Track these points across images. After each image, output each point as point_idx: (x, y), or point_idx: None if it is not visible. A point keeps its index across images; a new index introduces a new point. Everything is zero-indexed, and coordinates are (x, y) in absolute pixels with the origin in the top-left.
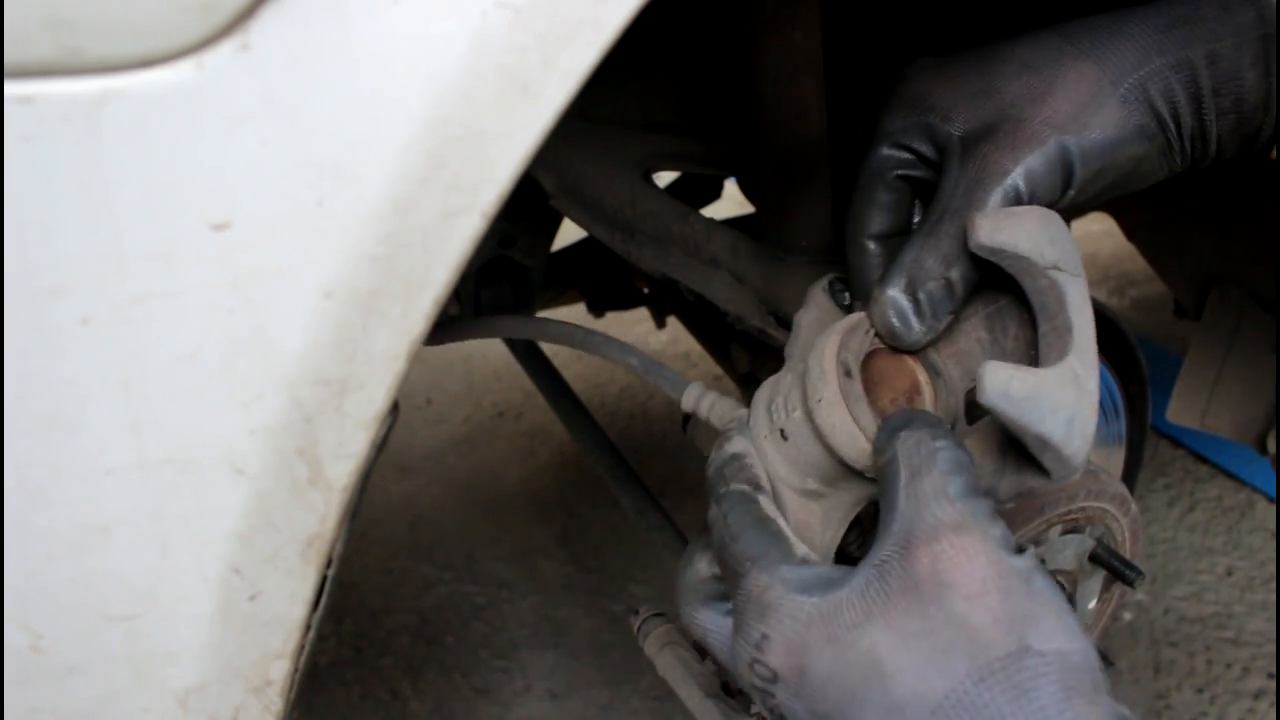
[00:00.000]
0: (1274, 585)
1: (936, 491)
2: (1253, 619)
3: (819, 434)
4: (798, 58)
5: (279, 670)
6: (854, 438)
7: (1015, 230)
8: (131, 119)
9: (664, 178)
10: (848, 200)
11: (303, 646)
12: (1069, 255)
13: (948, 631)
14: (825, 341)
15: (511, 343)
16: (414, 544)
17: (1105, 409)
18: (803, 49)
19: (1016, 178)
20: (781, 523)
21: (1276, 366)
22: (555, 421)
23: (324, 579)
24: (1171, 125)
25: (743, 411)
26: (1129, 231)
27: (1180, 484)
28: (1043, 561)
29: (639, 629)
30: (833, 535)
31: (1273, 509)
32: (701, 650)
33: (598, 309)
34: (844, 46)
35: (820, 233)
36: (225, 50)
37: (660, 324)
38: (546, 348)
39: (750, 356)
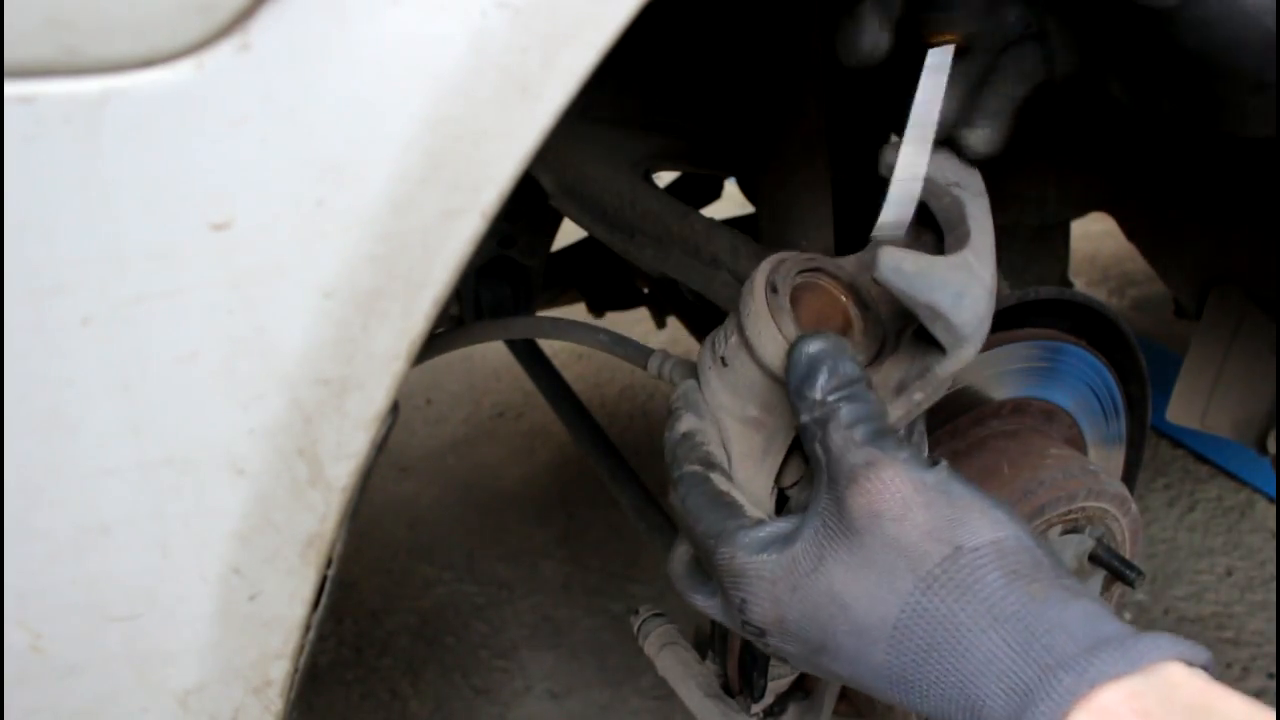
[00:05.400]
0: (1274, 585)
1: (845, 442)
2: (1253, 619)
3: (749, 349)
4: (798, 58)
5: (279, 670)
6: (779, 347)
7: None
8: (131, 119)
9: (664, 178)
10: (848, 200)
11: (303, 646)
12: (970, 179)
13: (887, 555)
14: (757, 268)
15: (511, 343)
16: (414, 544)
17: (1105, 409)
18: (803, 50)
19: None
20: (735, 493)
21: (1277, 366)
22: (555, 421)
23: (324, 579)
24: None
25: (690, 381)
26: (1129, 231)
27: (1180, 484)
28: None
29: (639, 629)
30: (773, 461)
31: (1273, 509)
32: (701, 648)
33: (598, 309)
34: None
35: (820, 233)
36: (225, 50)
37: (660, 324)
38: (547, 348)
39: None
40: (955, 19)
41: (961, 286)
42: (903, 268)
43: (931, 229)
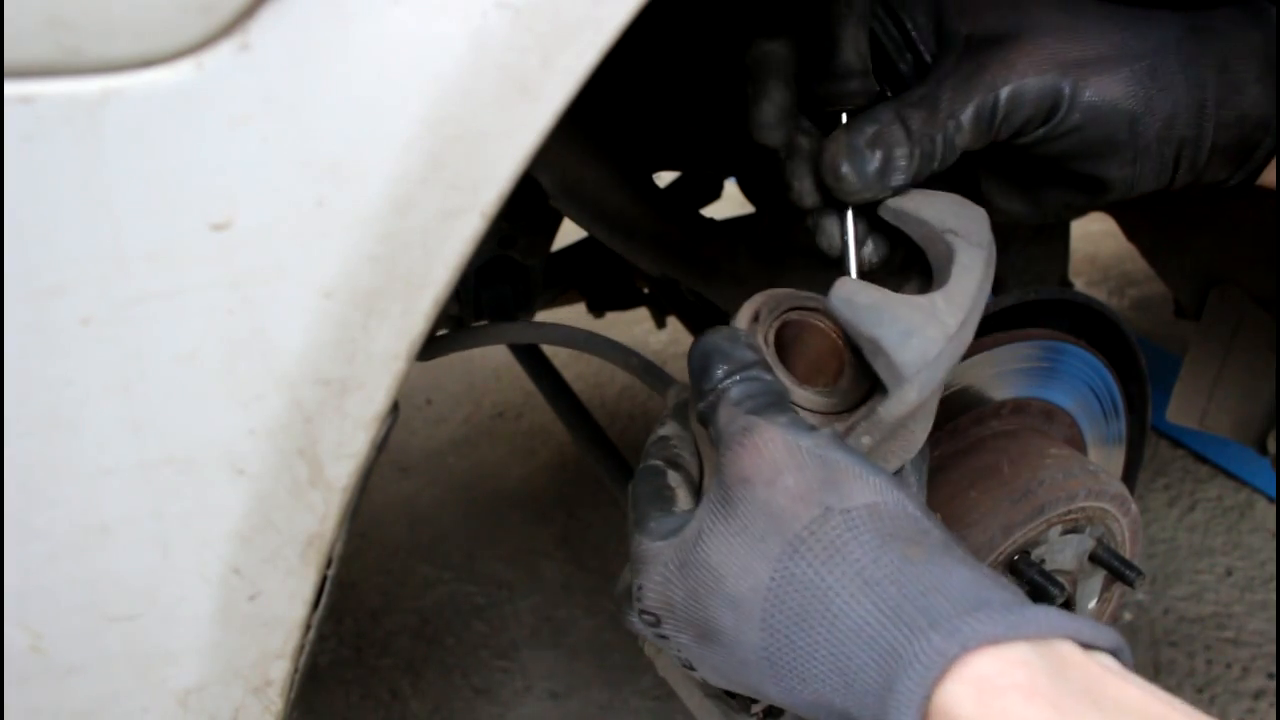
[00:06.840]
0: (1274, 585)
1: (729, 417)
2: (1253, 619)
3: None
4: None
5: (279, 670)
6: None
7: (922, 201)
8: (131, 119)
9: (664, 178)
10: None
11: (303, 646)
12: (972, 227)
13: (757, 520)
14: (746, 301)
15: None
16: (414, 544)
17: (1105, 409)
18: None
19: (1002, 94)
20: (681, 490)
21: (1276, 366)
22: (555, 421)
23: (324, 579)
24: (1161, 121)
25: (683, 391)
26: (1129, 231)
27: (1180, 484)
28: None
29: None
30: None
31: (1273, 509)
32: None
33: (598, 309)
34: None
35: None
36: (225, 50)
37: (660, 324)
38: (546, 348)
39: None
40: (846, 94)
41: (913, 326)
42: (854, 299)
43: (925, 274)
